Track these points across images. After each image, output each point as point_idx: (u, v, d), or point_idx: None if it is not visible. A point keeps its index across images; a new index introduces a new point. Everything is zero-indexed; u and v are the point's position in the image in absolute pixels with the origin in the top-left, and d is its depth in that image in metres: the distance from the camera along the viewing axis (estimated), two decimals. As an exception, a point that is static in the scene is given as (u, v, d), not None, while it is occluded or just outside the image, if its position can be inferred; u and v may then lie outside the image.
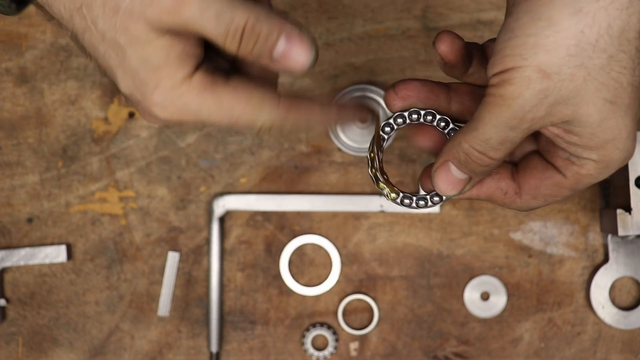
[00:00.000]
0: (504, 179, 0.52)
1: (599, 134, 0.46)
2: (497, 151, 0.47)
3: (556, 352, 0.82)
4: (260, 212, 0.82)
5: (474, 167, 0.49)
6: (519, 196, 0.52)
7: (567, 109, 0.45)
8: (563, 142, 0.48)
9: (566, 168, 0.49)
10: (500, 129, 0.46)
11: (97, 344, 0.83)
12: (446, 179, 0.50)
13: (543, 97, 0.44)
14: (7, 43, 0.82)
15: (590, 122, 0.45)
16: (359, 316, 0.83)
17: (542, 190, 0.50)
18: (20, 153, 0.82)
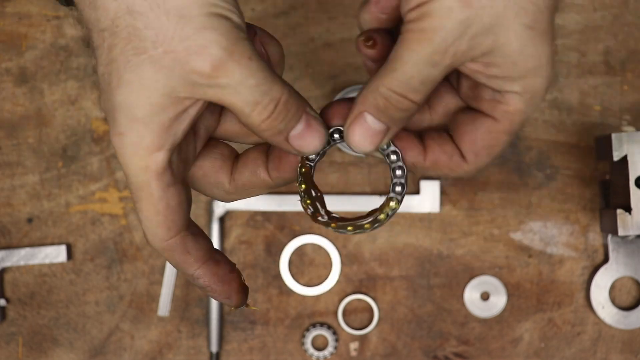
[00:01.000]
0: (446, 142, 0.48)
1: (519, 63, 0.44)
2: (417, 92, 0.44)
3: (556, 352, 0.82)
4: (260, 212, 0.82)
5: (393, 113, 0.45)
6: (464, 158, 0.48)
7: (487, 39, 0.43)
8: (484, 78, 0.45)
9: (494, 109, 0.46)
10: (421, 66, 0.43)
11: (97, 344, 0.83)
12: (363, 132, 0.46)
13: (465, 28, 0.42)
14: (7, 43, 0.82)
15: (511, 50, 0.43)
16: (359, 316, 0.83)
17: (480, 143, 0.47)
18: (20, 153, 0.82)
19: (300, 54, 0.82)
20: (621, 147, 0.73)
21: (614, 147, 0.73)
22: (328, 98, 0.82)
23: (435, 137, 0.49)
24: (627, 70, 0.82)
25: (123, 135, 0.44)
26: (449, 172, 0.49)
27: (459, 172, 0.49)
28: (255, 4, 0.82)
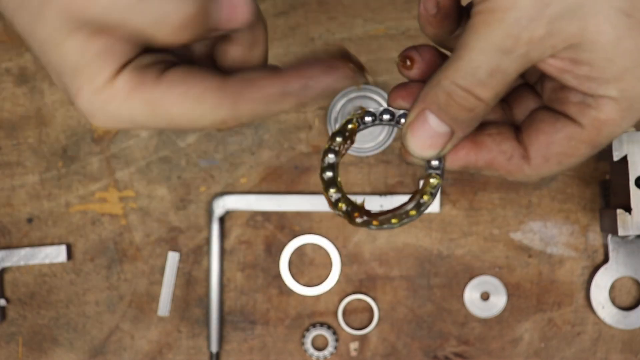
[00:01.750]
0: (507, 140, 0.42)
1: (615, 59, 0.37)
2: (485, 87, 0.37)
3: (556, 352, 0.82)
4: (260, 212, 0.82)
5: (457, 113, 0.39)
6: (527, 161, 0.41)
7: (572, 26, 0.36)
8: (573, 79, 0.38)
9: (582, 114, 0.39)
10: (490, 53, 0.36)
11: (97, 344, 0.83)
12: (423, 134, 0.40)
13: (543, 7, 0.35)
14: (7, 43, 0.82)
15: (604, 42, 0.36)
16: (359, 316, 0.83)
17: (555, 148, 0.40)
18: (20, 153, 0.82)
19: (300, 54, 0.82)
20: (621, 147, 0.73)
21: (614, 147, 0.73)
22: (328, 98, 0.82)
23: (493, 133, 0.42)
24: (627, 70, 0.82)
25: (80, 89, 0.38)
26: (506, 174, 0.42)
27: (517, 176, 0.42)
28: (255, 4, 0.82)
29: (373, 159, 0.82)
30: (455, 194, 0.82)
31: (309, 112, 0.82)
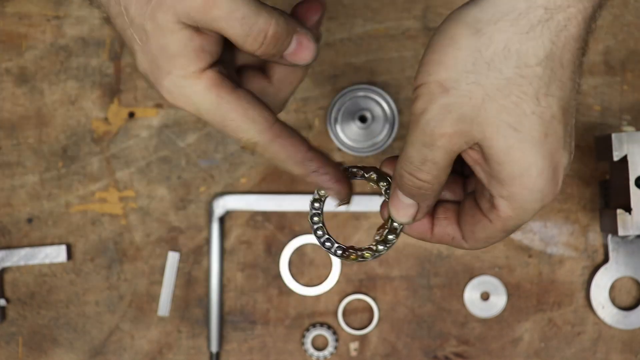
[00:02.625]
0: (450, 225, 0.52)
1: (505, 165, 0.45)
2: (421, 172, 0.48)
3: (556, 352, 0.82)
4: (260, 212, 0.82)
5: (410, 190, 0.49)
6: (464, 240, 0.52)
7: (474, 128, 0.45)
8: (482, 172, 0.47)
9: (489, 212, 0.49)
10: (416, 146, 0.47)
11: (97, 344, 0.83)
12: (397, 206, 0.51)
13: (447, 112, 0.45)
14: (7, 43, 0.82)
15: (496, 147, 0.45)
16: (359, 316, 0.83)
17: (478, 235, 0.51)
18: (20, 153, 0.82)
19: (300, 54, 0.82)
20: (621, 147, 0.73)
21: (614, 147, 0.73)
22: (328, 98, 0.82)
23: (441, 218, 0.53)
24: (627, 70, 0.82)
25: (170, 73, 0.49)
26: (454, 247, 0.53)
27: (462, 247, 0.53)
28: (255, 4, 0.82)
29: (373, 159, 0.82)
30: (455, 194, 0.82)
31: (309, 112, 0.82)
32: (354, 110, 0.81)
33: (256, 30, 0.48)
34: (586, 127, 0.82)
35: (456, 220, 0.52)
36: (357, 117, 0.81)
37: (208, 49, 0.49)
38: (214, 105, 0.49)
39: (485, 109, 0.44)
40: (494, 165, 0.46)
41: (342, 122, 0.81)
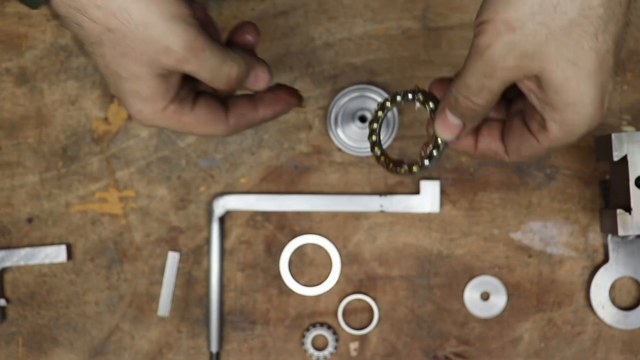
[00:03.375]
0: (494, 141, 0.58)
1: (561, 94, 0.50)
2: (477, 97, 0.53)
3: (556, 352, 0.82)
4: (260, 212, 0.82)
5: (463, 111, 0.55)
6: (507, 155, 0.58)
7: (534, 63, 0.49)
8: (536, 99, 0.52)
9: (538, 133, 0.54)
10: (477, 76, 0.51)
11: (97, 344, 0.83)
12: (444, 124, 0.56)
13: (510, 49, 0.49)
14: (7, 43, 0.82)
15: (554, 78, 0.50)
16: (359, 316, 0.83)
17: (523, 152, 0.56)
18: (20, 153, 0.82)
19: (300, 54, 0.82)
20: (621, 147, 0.73)
21: (614, 147, 0.73)
22: (328, 98, 0.82)
23: (488, 130, 0.58)
24: (627, 70, 0.82)
25: (142, 111, 0.58)
26: (493, 161, 0.59)
27: (503, 162, 0.59)
28: (255, 4, 0.82)
29: (373, 159, 0.82)
30: (455, 194, 0.82)
31: (309, 112, 0.82)
32: (354, 110, 0.81)
33: (222, 75, 0.57)
34: (586, 127, 0.82)
35: (499, 138, 0.58)
36: (357, 117, 0.81)
37: (172, 88, 0.57)
38: (178, 126, 0.60)
39: (547, 46, 0.48)
40: (550, 94, 0.50)
41: (342, 122, 0.81)
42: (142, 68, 0.55)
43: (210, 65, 0.56)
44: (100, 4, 0.53)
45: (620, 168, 0.74)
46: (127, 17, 0.53)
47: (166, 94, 0.57)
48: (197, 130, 0.61)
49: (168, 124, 0.59)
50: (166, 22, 0.53)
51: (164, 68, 0.55)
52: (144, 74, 0.55)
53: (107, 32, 0.54)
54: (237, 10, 0.82)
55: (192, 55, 0.55)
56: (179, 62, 0.55)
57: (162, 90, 0.57)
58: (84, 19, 0.54)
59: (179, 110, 0.59)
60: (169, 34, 0.54)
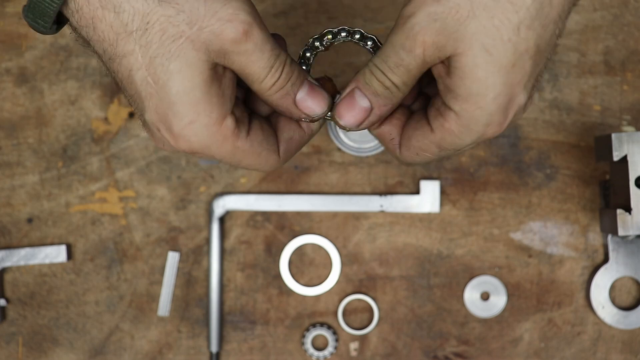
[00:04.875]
0: (396, 127, 0.54)
1: (466, 80, 0.47)
2: (393, 74, 0.50)
3: (556, 352, 0.82)
4: (260, 212, 0.82)
5: (376, 88, 0.51)
6: (399, 147, 0.54)
7: (449, 44, 0.47)
8: (442, 85, 0.49)
9: (434, 119, 0.51)
10: (396, 48, 0.49)
11: (97, 344, 0.83)
12: (349, 106, 0.52)
13: (432, 20, 0.47)
14: (7, 43, 0.82)
15: (464, 63, 0.47)
16: (359, 316, 0.83)
17: (413, 142, 0.53)
18: (20, 153, 0.82)
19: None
20: (621, 147, 0.73)
21: (614, 147, 0.73)
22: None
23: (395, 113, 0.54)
24: (627, 70, 0.82)
25: (194, 122, 0.48)
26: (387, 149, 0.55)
27: (394, 154, 0.56)
28: (255, 3, 0.82)
29: (373, 159, 0.82)
30: (455, 194, 0.82)
31: (309, 112, 0.82)
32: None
33: (279, 61, 0.50)
34: (586, 127, 0.82)
35: (402, 125, 0.54)
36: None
37: (227, 93, 0.50)
38: (229, 153, 0.51)
39: (465, 26, 0.46)
40: (455, 80, 0.48)
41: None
42: (198, 53, 0.47)
43: (271, 45, 0.49)
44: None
45: (620, 168, 0.74)
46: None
47: (222, 99, 0.49)
48: (247, 161, 0.52)
49: (219, 146, 0.50)
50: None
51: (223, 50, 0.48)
52: (199, 61, 0.47)
53: (158, 7, 0.46)
54: (237, 10, 0.82)
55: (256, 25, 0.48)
56: (238, 39, 0.48)
57: (217, 90, 0.49)
58: (121, 3, 0.46)
59: (235, 130, 0.50)
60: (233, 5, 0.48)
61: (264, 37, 0.49)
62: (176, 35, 0.46)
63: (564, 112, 0.82)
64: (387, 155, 0.82)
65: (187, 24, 0.47)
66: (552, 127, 0.82)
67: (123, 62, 0.48)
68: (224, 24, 0.47)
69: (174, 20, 0.46)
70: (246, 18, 0.47)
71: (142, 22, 0.46)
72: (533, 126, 0.82)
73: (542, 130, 0.82)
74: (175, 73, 0.47)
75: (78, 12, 0.47)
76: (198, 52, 0.47)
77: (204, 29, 0.47)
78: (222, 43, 0.47)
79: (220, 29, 0.47)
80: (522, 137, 0.82)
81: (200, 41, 0.47)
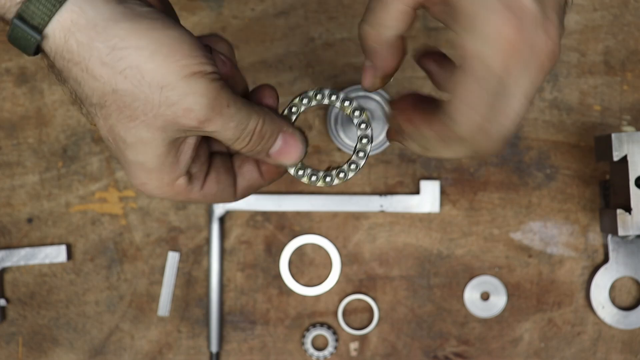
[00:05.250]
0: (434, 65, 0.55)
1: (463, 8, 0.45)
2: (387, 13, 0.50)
3: (556, 352, 0.82)
4: (260, 212, 0.82)
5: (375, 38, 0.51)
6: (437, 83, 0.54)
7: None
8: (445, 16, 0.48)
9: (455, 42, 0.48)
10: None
11: (97, 344, 0.83)
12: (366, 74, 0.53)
13: None
14: (7, 43, 0.82)
15: None
16: (359, 316, 0.83)
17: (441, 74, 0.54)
18: (20, 153, 0.82)
19: (300, 54, 0.82)
20: (621, 147, 0.73)
21: (614, 147, 0.73)
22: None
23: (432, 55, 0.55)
24: (627, 70, 0.82)
25: (146, 184, 0.51)
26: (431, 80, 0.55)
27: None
28: (255, 4, 0.82)
29: (373, 159, 0.82)
30: (455, 194, 0.82)
31: (309, 113, 0.82)
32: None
33: (245, 133, 0.51)
34: (586, 127, 0.82)
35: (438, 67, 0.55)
36: (357, 117, 0.81)
37: (183, 159, 0.51)
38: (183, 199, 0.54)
39: None
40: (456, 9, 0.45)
41: (342, 123, 0.81)
42: (154, 134, 0.48)
43: (235, 122, 0.50)
44: (106, 61, 0.46)
45: (620, 168, 0.74)
46: (140, 78, 0.46)
47: (175, 167, 0.51)
48: (202, 202, 0.57)
49: (172, 197, 0.53)
50: (186, 81, 0.47)
51: (183, 131, 0.49)
52: (154, 140, 0.49)
53: (113, 93, 0.47)
54: (237, 10, 0.82)
55: (215, 113, 0.48)
56: (201, 123, 0.48)
57: (171, 160, 0.50)
58: (83, 77, 0.47)
59: (187, 187, 0.52)
60: (190, 94, 0.47)
61: (228, 118, 0.49)
62: (133, 117, 0.47)
63: (564, 112, 0.82)
64: (387, 155, 0.82)
65: (142, 111, 0.47)
66: (552, 127, 0.82)
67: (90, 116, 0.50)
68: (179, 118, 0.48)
69: (129, 105, 0.47)
70: (202, 111, 0.48)
71: (100, 99, 0.47)
72: (533, 126, 0.82)
73: (542, 130, 0.82)
74: (130, 145, 0.49)
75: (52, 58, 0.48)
76: (154, 133, 0.48)
77: (159, 117, 0.47)
78: (180, 127, 0.48)
79: (175, 120, 0.48)
80: (522, 137, 0.82)
81: (156, 126, 0.48)
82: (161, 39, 0.47)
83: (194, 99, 0.47)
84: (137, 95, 0.47)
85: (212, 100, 0.48)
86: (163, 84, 0.47)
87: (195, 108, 0.47)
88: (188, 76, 0.47)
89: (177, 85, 0.47)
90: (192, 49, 0.47)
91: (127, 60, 0.46)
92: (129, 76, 0.46)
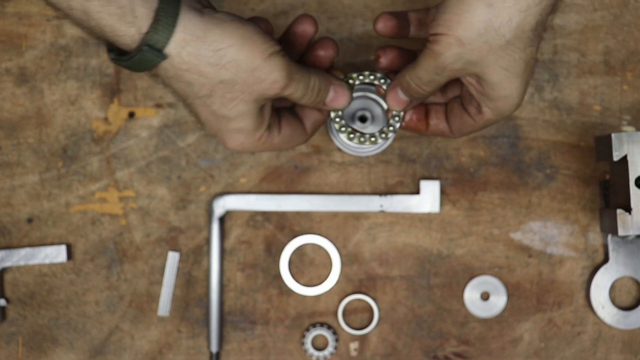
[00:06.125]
0: (441, 122, 0.71)
1: (496, 90, 0.64)
2: (426, 86, 0.66)
3: (556, 352, 0.82)
4: (260, 212, 0.82)
5: (412, 94, 0.68)
6: (452, 132, 0.71)
7: (476, 68, 0.63)
8: (475, 90, 0.66)
9: (476, 114, 0.68)
10: (429, 72, 0.64)
11: (97, 344, 0.83)
12: (394, 98, 0.69)
13: (458, 58, 0.62)
14: (7, 43, 0.82)
15: (492, 80, 0.64)
16: (359, 316, 0.83)
17: (464, 129, 0.70)
18: (20, 153, 0.82)
19: (300, 54, 0.82)
20: (621, 147, 0.73)
21: (614, 147, 0.73)
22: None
23: (436, 114, 0.72)
24: (627, 70, 0.82)
25: (244, 143, 0.67)
26: (441, 136, 0.73)
27: (448, 137, 0.73)
28: (255, 3, 0.82)
29: (373, 159, 0.82)
30: (455, 194, 0.82)
31: (309, 112, 0.82)
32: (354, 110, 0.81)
33: (310, 89, 0.66)
34: (586, 127, 0.82)
35: (445, 119, 0.71)
36: (357, 117, 0.81)
37: (267, 117, 0.66)
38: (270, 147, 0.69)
39: (487, 58, 0.62)
40: (487, 89, 0.65)
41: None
42: (249, 106, 0.64)
43: (303, 83, 0.65)
44: (211, 61, 0.61)
45: (620, 168, 0.74)
46: (237, 67, 0.61)
47: (262, 125, 0.66)
48: (284, 147, 0.69)
49: (262, 147, 0.68)
50: (268, 61, 0.62)
51: (268, 98, 0.64)
52: (250, 110, 0.64)
53: (220, 83, 0.62)
54: (237, 10, 0.82)
55: (290, 80, 0.64)
56: (282, 90, 0.64)
57: (260, 122, 0.66)
58: (193, 77, 0.61)
59: (270, 135, 0.68)
60: (273, 70, 0.62)
61: (297, 81, 0.64)
62: (233, 98, 0.63)
63: (564, 112, 0.82)
64: (387, 155, 0.82)
65: (241, 91, 0.63)
66: (552, 127, 0.82)
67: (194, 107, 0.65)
68: (267, 89, 0.63)
69: (232, 89, 0.62)
70: (283, 82, 0.63)
71: (209, 90, 0.62)
72: (533, 126, 0.82)
73: (542, 130, 0.82)
74: (233, 119, 0.64)
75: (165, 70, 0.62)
76: (249, 105, 0.64)
77: (253, 92, 0.63)
78: (267, 96, 0.64)
79: (265, 90, 0.63)
80: (522, 137, 0.82)
81: (251, 100, 0.63)
82: (242, 34, 0.61)
83: (277, 73, 0.63)
84: (236, 80, 0.62)
85: (287, 71, 0.63)
86: (253, 67, 0.62)
87: (278, 80, 0.63)
88: (267, 57, 0.62)
89: (263, 66, 0.62)
90: (262, 36, 0.62)
91: (226, 57, 0.61)
92: (229, 68, 0.61)
